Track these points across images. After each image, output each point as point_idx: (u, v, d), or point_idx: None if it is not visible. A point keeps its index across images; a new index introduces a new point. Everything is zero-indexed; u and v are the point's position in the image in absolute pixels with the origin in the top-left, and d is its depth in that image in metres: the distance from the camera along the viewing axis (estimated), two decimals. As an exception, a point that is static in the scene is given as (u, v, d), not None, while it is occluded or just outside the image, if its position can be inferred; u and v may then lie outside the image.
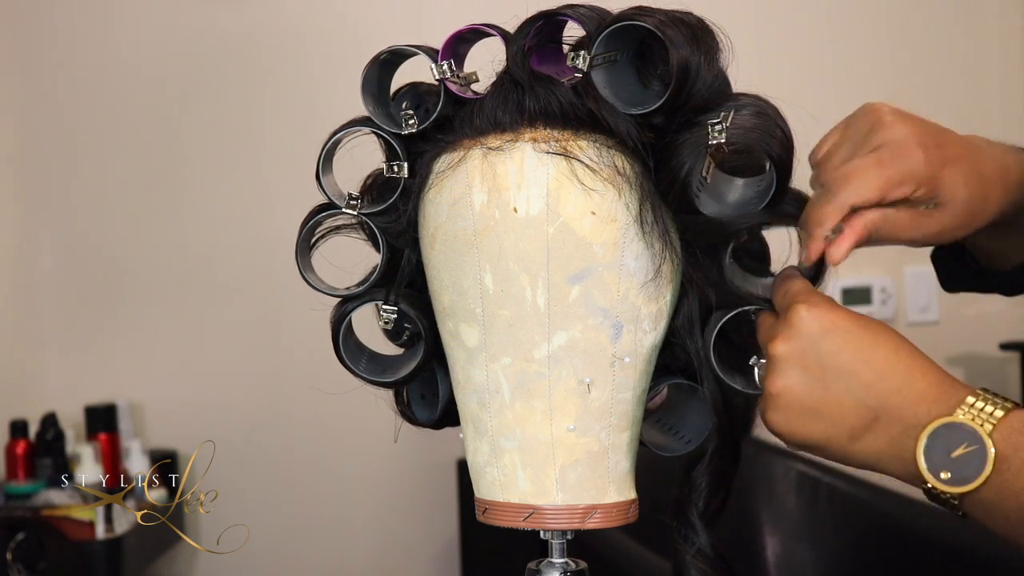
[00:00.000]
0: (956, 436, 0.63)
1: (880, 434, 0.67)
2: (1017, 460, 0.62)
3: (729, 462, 0.79)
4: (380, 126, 0.79)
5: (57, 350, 2.20)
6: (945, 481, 0.64)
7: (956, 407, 0.64)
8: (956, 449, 0.63)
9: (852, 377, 0.67)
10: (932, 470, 0.64)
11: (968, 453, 0.63)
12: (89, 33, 2.21)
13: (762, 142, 0.71)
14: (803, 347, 0.69)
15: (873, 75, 2.40)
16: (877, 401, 0.67)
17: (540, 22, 0.75)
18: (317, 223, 0.82)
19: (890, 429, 0.66)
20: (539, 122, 0.75)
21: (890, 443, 0.66)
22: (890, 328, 0.70)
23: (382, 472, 2.25)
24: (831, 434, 0.68)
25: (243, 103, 2.22)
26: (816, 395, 0.68)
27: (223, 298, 2.22)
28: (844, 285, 2.33)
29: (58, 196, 2.21)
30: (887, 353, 0.67)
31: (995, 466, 0.62)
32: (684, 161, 0.72)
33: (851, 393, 0.67)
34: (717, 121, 0.71)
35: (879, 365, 0.67)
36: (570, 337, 0.75)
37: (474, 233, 0.75)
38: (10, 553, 1.77)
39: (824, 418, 0.68)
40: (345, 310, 0.82)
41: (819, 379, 0.68)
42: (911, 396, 0.66)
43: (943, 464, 0.64)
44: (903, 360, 0.67)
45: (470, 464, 0.81)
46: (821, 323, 0.69)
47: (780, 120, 0.73)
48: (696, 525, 0.78)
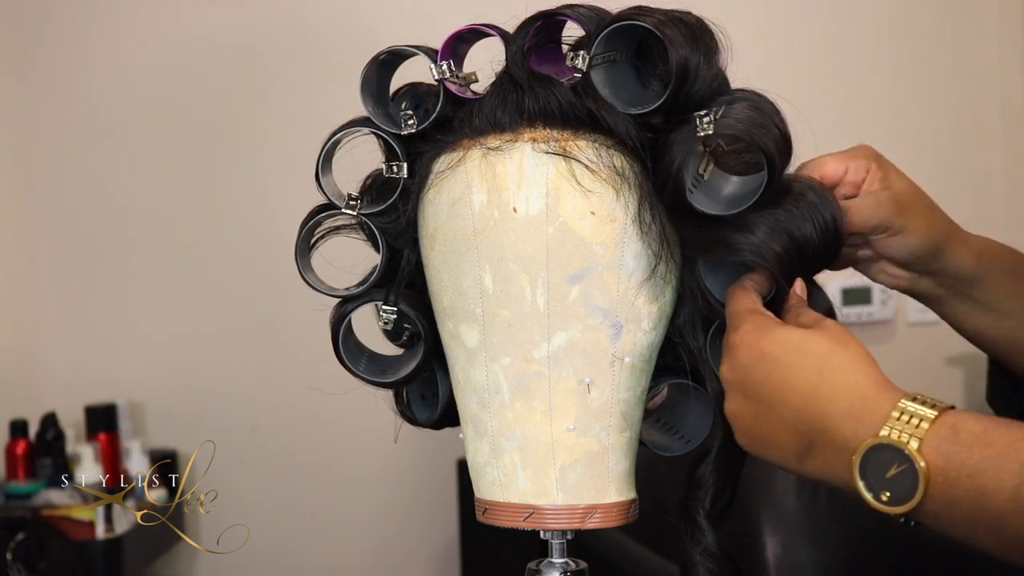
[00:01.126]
0: (885, 457, 0.62)
1: (818, 458, 0.66)
2: (952, 469, 0.60)
3: (736, 459, 0.78)
4: (379, 126, 0.79)
5: (57, 350, 2.20)
6: (886, 502, 0.62)
7: (882, 423, 0.63)
8: (888, 470, 0.62)
9: (781, 405, 0.67)
10: (872, 492, 0.63)
11: (900, 472, 0.61)
12: (89, 33, 2.21)
13: (754, 135, 0.70)
14: (741, 377, 0.69)
15: (873, 75, 2.40)
16: (807, 427, 0.66)
17: (539, 22, 0.75)
18: (317, 223, 0.82)
19: (825, 453, 0.65)
20: (538, 122, 0.75)
21: (829, 466, 0.66)
22: (828, 342, 0.68)
23: (382, 472, 2.25)
24: (780, 457, 0.69)
25: (243, 103, 2.22)
26: (758, 422, 0.69)
27: (223, 298, 2.22)
28: (844, 285, 2.32)
29: (58, 196, 2.21)
30: (810, 376, 0.66)
31: (930, 480, 0.61)
32: (675, 156, 0.72)
33: (784, 420, 0.67)
34: (705, 113, 0.71)
35: (804, 390, 0.66)
36: (570, 337, 0.75)
37: (474, 233, 0.75)
38: (10, 553, 1.77)
39: (770, 443, 0.69)
40: (345, 310, 0.82)
41: (757, 407, 0.69)
42: (836, 417, 0.65)
43: (880, 486, 0.62)
44: (827, 380, 0.66)
45: (470, 464, 0.81)
46: (751, 352, 0.69)
47: (776, 116, 0.72)
48: (702, 524, 0.78)
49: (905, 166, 0.86)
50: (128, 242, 2.22)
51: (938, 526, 0.62)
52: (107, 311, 2.21)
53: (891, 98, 2.40)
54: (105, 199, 2.21)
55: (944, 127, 2.42)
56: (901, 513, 0.62)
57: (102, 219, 2.21)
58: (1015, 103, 2.44)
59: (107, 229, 2.21)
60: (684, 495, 0.79)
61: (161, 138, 2.21)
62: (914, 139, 2.40)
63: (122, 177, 2.21)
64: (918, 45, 2.42)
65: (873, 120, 2.39)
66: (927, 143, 2.41)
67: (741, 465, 0.79)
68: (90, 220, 2.21)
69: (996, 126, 2.44)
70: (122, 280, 2.22)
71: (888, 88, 2.40)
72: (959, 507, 0.60)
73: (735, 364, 0.70)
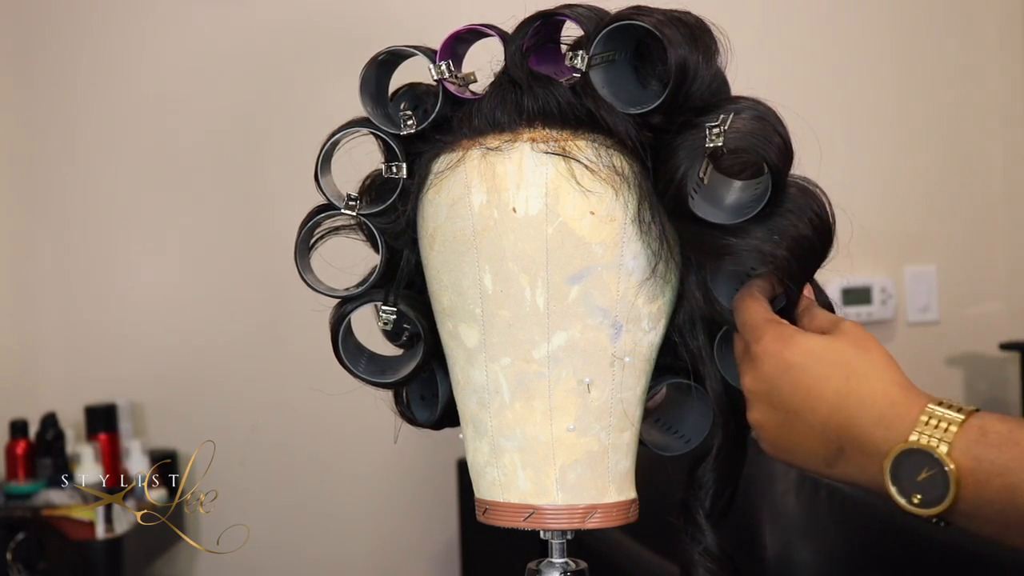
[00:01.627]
0: (916, 460, 0.64)
1: (848, 463, 0.68)
2: (982, 470, 0.62)
3: (736, 458, 0.79)
4: (378, 127, 0.79)
5: (57, 350, 2.20)
6: (918, 504, 0.64)
7: (912, 428, 0.65)
8: (919, 473, 0.64)
9: (810, 414, 0.68)
10: (903, 495, 0.65)
11: (931, 476, 0.63)
12: (89, 33, 2.21)
13: (760, 148, 0.70)
14: (767, 388, 0.70)
15: (873, 76, 2.40)
16: (837, 433, 0.68)
17: (538, 22, 0.75)
18: (316, 224, 0.82)
19: (855, 458, 0.67)
20: (538, 122, 0.75)
21: (859, 470, 0.67)
22: (850, 348, 0.69)
23: (382, 472, 2.25)
24: (809, 462, 0.70)
25: (242, 103, 2.22)
26: (785, 430, 0.70)
27: (223, 298, 2.22)
28: (844, 285, 2.32)
29: (58, 196, 2.21)
30: (837, 385, 0.68)
31: (960, 483, 0.63)
32: (680, 163, 0.72)
33: (812, 428, 0.69)
34: (715, 124, 0.71)
35: (832, 398, 0.68)
36: (570, 337, 0.75)
37: (473, 233, 0.75)
38: (10, 553, 1.76)
39: (798, 450, 0.70)
40: (344, 311, 0.82)
41: (784, 417, 0.70)
42: (867, 423, 0.66)
43: (912, 488, 0.64)
44: (854, 388, 0.67)
45: (470, 464, 0.81)
46: (776, 363, 0.70)
47: (779, 125, 0.72)
48: (702, 524, 0.78)
49: (905, 166, 0.86)
50: (128, 242, 2.22)
51: (970, 526, 0.64)
52: (107, 311, 2.21)
53: (891, 99, 2.41)
54: (105, 199, 2.21)
55: (944, 127, 2.42)
56: (933, 515, 0.64)
57: (102, 219, 2.21)
58: (1015, 103, 2.44)
59: (107, 229, 2.21)
60: (684, 495, 0.79)
61: (161, 138, 2.21)
62: (914, 140, 2.41)
63: (123, 177, 2.21)
64: (918, 46, 2.42)
65: (873, 120, 2.39)
66: (927, 144, 2.41)
67: (741, 465, 0.79)
68: (90, 220, 2.21)
69: (996, 126, 2.44)
70: (122, 280, 2.22)
71: (888, 88, 2.40)
72: (991, 506, 0.62)
73: (759, 375, 0.71)
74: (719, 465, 0.78)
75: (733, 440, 0.78)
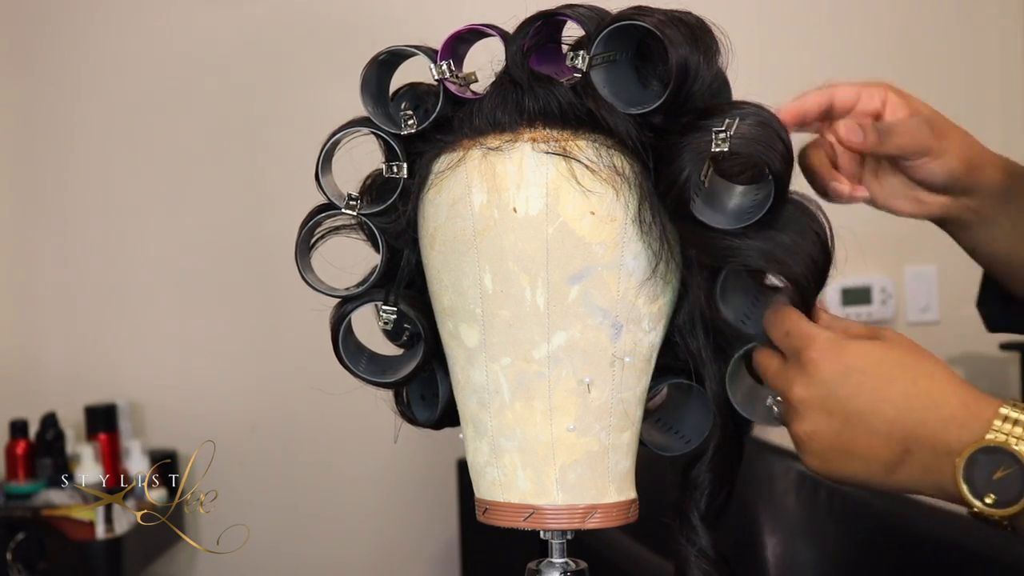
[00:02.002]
0: (993, 459, 0.64)
1: (915, 465, 0.67)
2: None
3: (732, 459, 0.78)
4: (379, 126, 0.79)
5: (57, 350, 2.20)
6: (991, 504, 0.64)
7: (987, 427, 0.64)
8: (996, 472, 0.63)
9: (875, 416, 0.68)
10: (976, 495, 0.64)
11: (1008, 475, 0.63)
12: (89, 33, 2.20)
13: (764, 154, 0.71)
14: (823, 394, 0.69)
15: (873, 76, 2.39)
16: (905, 434, 0.67)
17: (539, 22, 0.75)
18: (317, 224, 0.82)
19: (924, 459, 0.67)
20: (538, 122, 0.75)
21: (926, 472, 0.67)
22: (907, 352, 0.69)
23: (382, 472, 2.25)
24: (867, 470, 0.69)
25: (243, 103, 2.22)
26: (844, 437, 0.69)
27: (223, 298, 2.22)
28: (844, 285, 2.32)
29: (58, 197, 2.21)
30: (906, 387, 0.67)
31: None
32: (684, 166, 0.72)
33: (877, 432, 0.68)
34: (721, 129, 0.71)
35: (899, 401, 0.67)
36: (570, 337, 0.75)
37: (473, 233, 0.75)
38: (10, 553, 1.76)
39: (857, 457, 0.69)
40: (344, 311, 0.82)
41: (844, 422, 0.69)
42: (938, 423, 0.66)
43: (987, 488, 0.64)
44: (923, 390, 0.67)
45: (470, 464, 0.80)
46: (834, 368, 0.69)
47: (782, 131, 0.72)
48: (697, 525, 0.78)
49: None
50: (128, 242, 2.22)
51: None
52: (107, 311, 2.21)
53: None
54: (106, 199, 2.21)
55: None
56: (1006, 516, 0.64)
57: (102, 219, 2.21)
58: (1015, 103, 2.44)
59: (107, 229, 2.21)
60: (679, 496, 0.79)
61: (161, 138, 2.21)
62: (914, 139, 2.40)
63: (122, 177, 2.21)
64: (918, 46, 2.42)
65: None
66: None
67: (738, 466, 0.79)
68: (90, 220, 2.21)
69: (996, 126, 2.44)
70: (122, 280, 2.22)
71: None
72: None
73: (814, 381, 0.69)
74: (715, 466, 0.78)
75: (731, 441, 0.78)
